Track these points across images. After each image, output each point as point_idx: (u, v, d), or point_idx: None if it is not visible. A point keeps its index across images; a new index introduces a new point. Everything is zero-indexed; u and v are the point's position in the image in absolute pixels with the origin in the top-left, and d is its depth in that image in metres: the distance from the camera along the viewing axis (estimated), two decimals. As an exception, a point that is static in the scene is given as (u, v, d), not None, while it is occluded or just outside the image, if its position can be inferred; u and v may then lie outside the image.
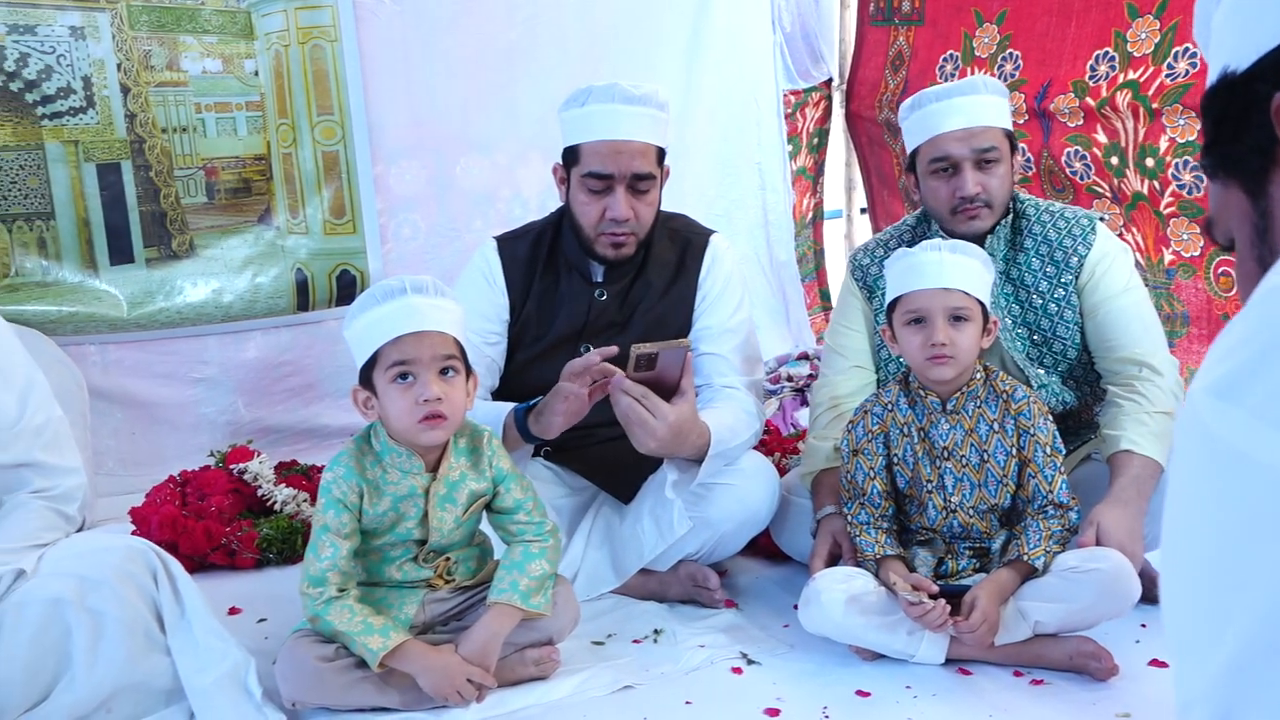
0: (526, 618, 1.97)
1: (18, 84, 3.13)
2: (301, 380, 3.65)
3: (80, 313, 3.22)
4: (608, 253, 2.38)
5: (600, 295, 2.43)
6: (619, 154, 2.29)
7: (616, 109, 2.28)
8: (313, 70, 3.51)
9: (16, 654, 1.85)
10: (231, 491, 2.83)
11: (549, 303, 2.45)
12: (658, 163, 2.36)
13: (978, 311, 2.11)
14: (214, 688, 1.87)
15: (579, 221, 2.38)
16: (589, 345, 2.41)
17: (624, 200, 2.31)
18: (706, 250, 2.50)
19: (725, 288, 2.49)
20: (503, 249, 2.49)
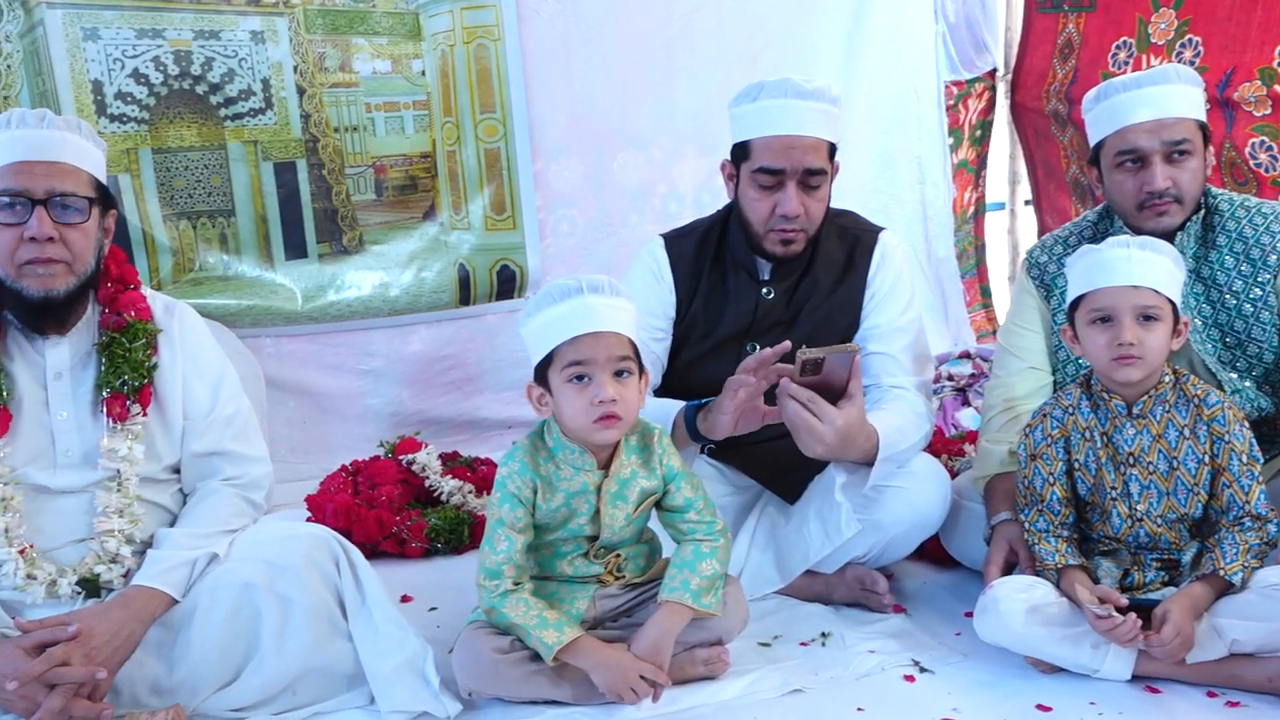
0: (697, 617, 1.96)
1: (203, 87, 3.27)
2: (462, 373, 3.74)
3: (258, 305, 3.36)
4: (777, 250, 2.35)
5: (767, 294, 2.41)
6: (791, 149, 2.26)
7: (789, 104, 2.25)
8: (476, 69, 3.58)
9: (210, 635, 1.93)
10: (401, 481, 2.91)
11: (716, 301, 2.43)
12: (829, 158, 2.32)
13: (1168, 311, 2.01)
14: (394, 674, 1.92)
15: (748, 218, 2.35)
16: (755, 344, 2.39)
17: (795, 196, 2.28)
18: (876, 247, 2.45)
19: (895, 285, 2.43)
20: (670, 247, 2.49)
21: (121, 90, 3.18)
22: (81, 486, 2.02)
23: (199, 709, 1.92)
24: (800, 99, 2.26)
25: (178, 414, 2.11)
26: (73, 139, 2.03)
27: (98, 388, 2.05)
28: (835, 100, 2.31)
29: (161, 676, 1.93)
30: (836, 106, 2.31)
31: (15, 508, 1.97)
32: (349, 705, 1.95)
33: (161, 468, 2.10)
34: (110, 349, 2.06)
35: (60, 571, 1.97)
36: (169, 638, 1.94)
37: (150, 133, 3.23)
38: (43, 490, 2.01)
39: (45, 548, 1.98)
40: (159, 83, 3.22)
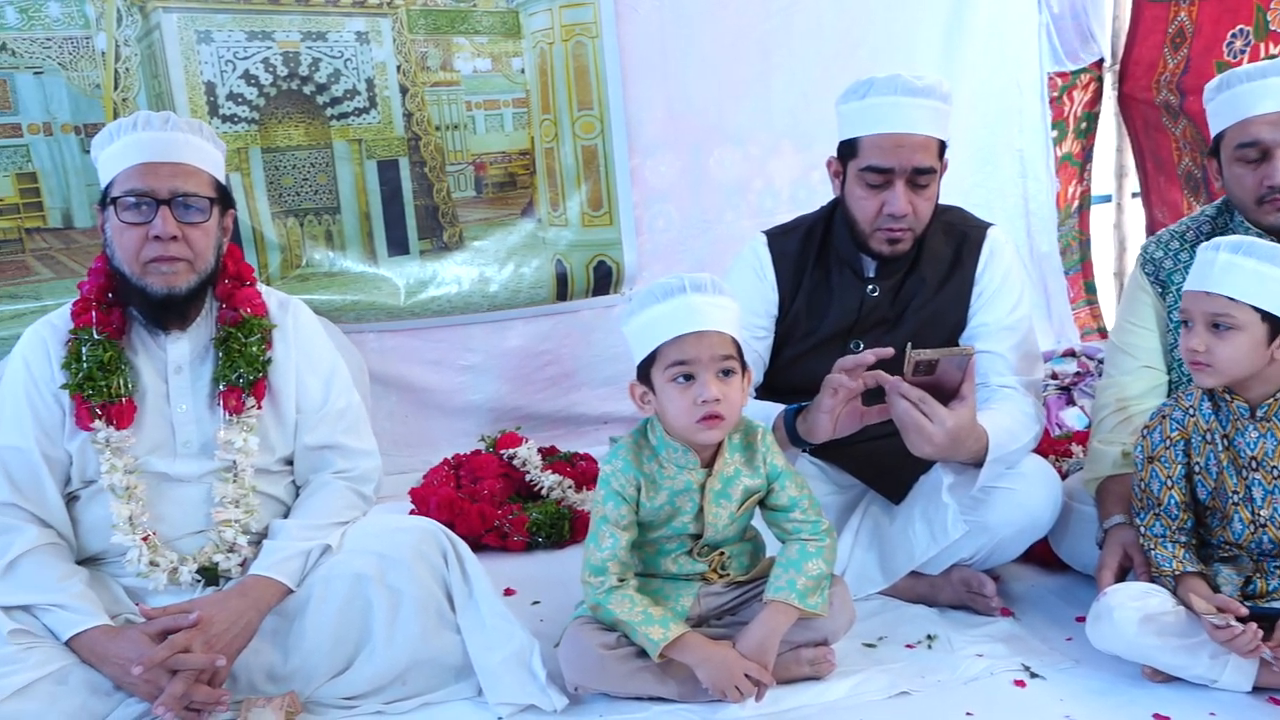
0: (803, 617, 1.95)
1: (310, 88, 3.35)
2: (559, 369, 3.76)
3: (362, 301, 3.42)
4: (883, 249, 2.32)
5: (872, 291, 2.38)
6: (900, 147, 2.23)
7: (899, 101, 2.22)
8: (574, 66, 3.60)
9: (324, 624, 1.98)
10: (502, 476, 2.94)
11: (819, 298, 2.41)
12: (938, 156, 2.29)
13: (1247, 319, 1.91)
14: (501, 667, 1.95)
15: (855, 216, 2.33)
16: (859, 342, 2.37)
17: (903, 196, 2.25)
18: (984, 243, 2.40)
19: (1004, 283, 2.38)
20: (773, 244, 2.47)
21: (233, 91, 3.26)
22: (199, 476, 2.09)
23: (313, 696, 1.97)
24: (910, 96, 2.22)
25: (291, 407, 2.17)
26: (195, 140, 2.09)
27: (215, 381, 2.11)
28: (946, 97, 2.27)
29: (277, 664, 1.98)
30: (947, 104, 2.28)
31: (139, 496, 2.04)
32: (457, 696, 1.99)
33: (275, 460, 2.16)
34: (227, 344, 2.12)
35: (181, 559, 2.04)
36: (284, 626, 2.00)
37: (260, 132, 3.31)
38: (164, 479, 2.08)
39: (166, 536, 2.05)
40: (268, 83, 3.30)
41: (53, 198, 3.20)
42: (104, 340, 2.05)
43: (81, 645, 1.89)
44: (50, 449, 2.04)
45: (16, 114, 3.15)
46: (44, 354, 2.08)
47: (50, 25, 3.12)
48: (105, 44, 3.16)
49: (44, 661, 1.86)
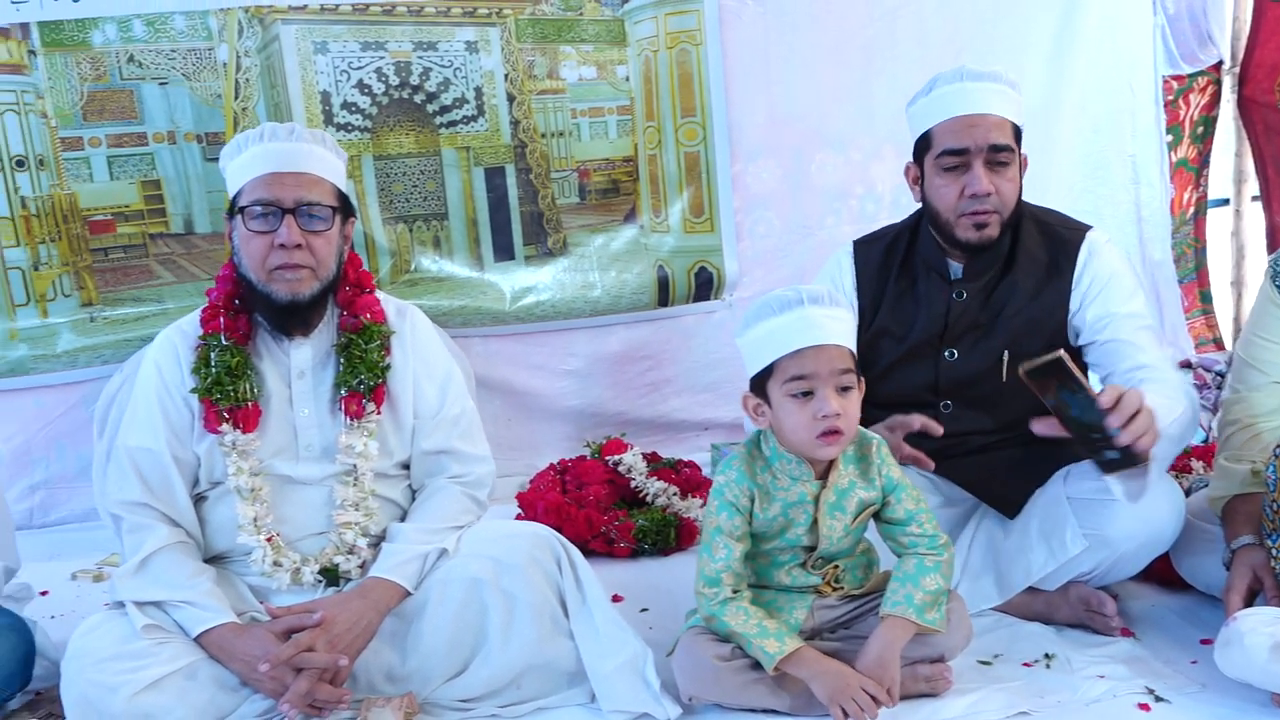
0: (920, 633, 1.93)
1: (420, 96, 3.41)
2: (660, 374, 3.77)
3: (468, 306, 3.47)
4: (970, 235, 2.28)
5: (959, 295, 2.35)
6: (974, 127, 2.23)
7: (965, 86, 2.25)
8: (678, 73, 3.60)
9: (441, 627, 2.02)
10: (607, 481, 2.96)
11: (905, 307, 2.39)
12: (1015, 139, 2.28)
13: None
14: (615, 674, 1.96)
15: (936, 208, 2.31)
16: (953, 350, 2.34)
17: (983, 175, 2.23)
18: (1082, 245, 2.35)
19: (1110, 279, 2.31)
20: (858, 253, 2.47)
21: (347, 100, 3.34)
22: (320, 479, 2.14)
23: (430, 698, 2.00)
24: (975, 80, 2.25)
25: (408, 413, 2.21)
26: (318, 150, 2.14)
27: (336, 386, 2.16)
28: (1013, 84, 2.29)
29: (395, 665, 2.02)
30: (1015, 90, 2.29)
31: (263, 498, 2.10)
32: (570, 702, 2.00)
33: (393, 464, 2.20)
34: (348, 350, 2.16)
35: (303, 560, 2.09)
36: (402, 628, 2.04)
37: (372, 141, 3.38)
38: (286, 481, 2.13)
39: (289, 537, 2.11)
40: (380, 92, 3.37)
41: (175, 204, 3.31)
42: (231, 346, 2.12)
43: (210, 642, 1.95)
44: (180, 451, 2.11)
45: (142, 123, 3.26)
46: (174, 358, 2.15)
47: (175, 37, 3.22)
48: (226, 55, 3.25)
49: (174, 656, 1.92)
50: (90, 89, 3.22)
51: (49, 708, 2.08)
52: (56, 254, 3.25)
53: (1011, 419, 2.32)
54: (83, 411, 3.30)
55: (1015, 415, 2.32)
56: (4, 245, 3.22)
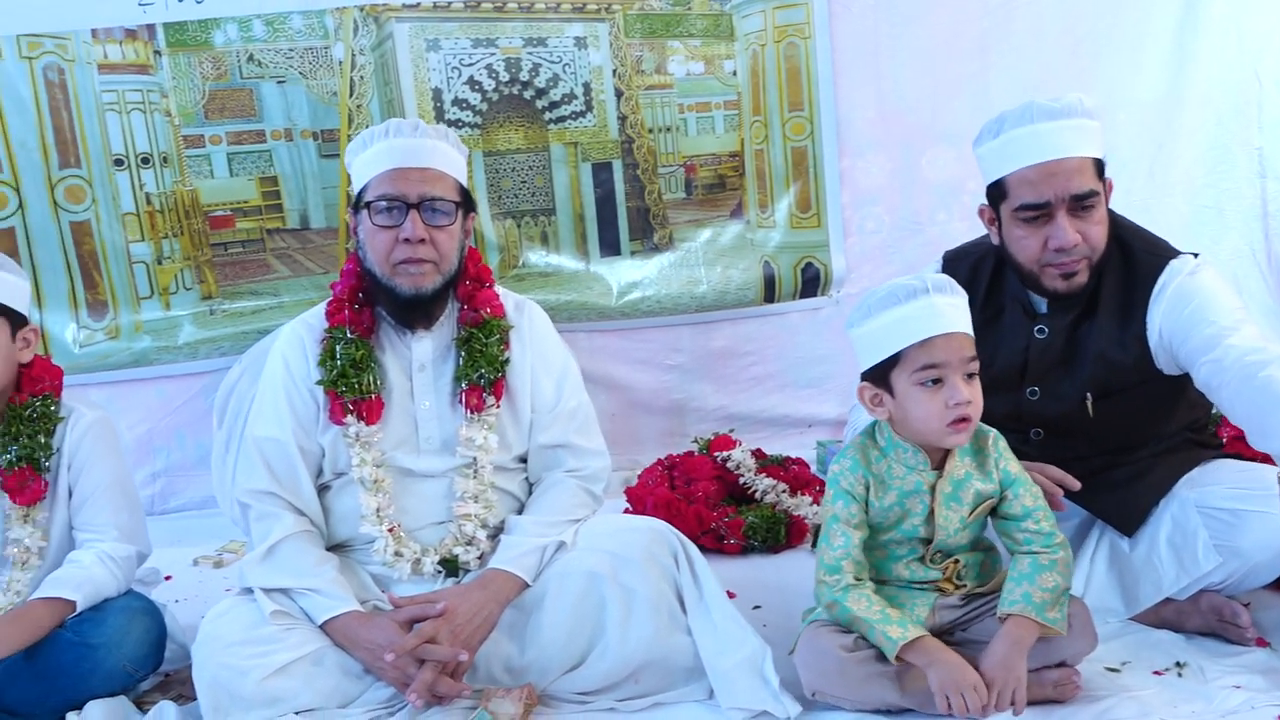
0: (1042, 634, 1.88)
1: (530, 92, 3.43)
2: (763, 370, 3.75)
3: (574, 301, 3.49)
4: (1058, 285, 2.16)
5: (1040, 332, 2.24)
6: (1052, 176, 2.08)
7: (1037, 129, 2.09)
8: (786, 67, 3.58)
9: (559, 619, 2.02)
10: (716, 478, 2.95)
11: (989, 338, 2.19)
12: (1098, 176, 2.13)
13: None
14: (733, 671, 1.94)
15: (1018, 260, 2.18)
16: (1035, 389, 2.25)
17: (1068, 226, 2.09)
18: (1158, 278, 2.17)
19: (1193, 308, 2.11)
20: (945, 268, 2.35)
21: (458, 97, 3.38)
22: (441, 472, 2.17)
23: (548, 690, 2.01)
24: (1049, 120, 2.09)
25: (526, 407, 2.22)
26: (441, 146, 2.17)
27: (456, 380, 2.19)
28: (1089, 113, 2.12)
29: (514, 656, 2.04)
30: (1093, 119, 2.13)
31: (385, 489, 2.13)
32: (688, 698, 1.99)
33: (511, 457, 2.22)
34: (469, 344, 2.19)
35: (423, 550, 2.12)
36: (521, 620, 2.05)
37: (482, 137, 3.41)
38: (408, 474, 2.16)
39: (410, 528, 2.14)
40: (491, 89, 3.40)
41: (291, 200, 3.38)
42: (356, 339, 2.15)
43: (335, 629, 1.99)
44: (305, 441, 2.16)
45: (261, 121, 3.34)
46: (301, 351, 2.20)
47: (293, 37, 3.29)
48: (342, 53, 3.32)
49: (301, 643, 1.96)
50: (211, 88, 3.31)
51: (179, 689, 2.14)
52: (179, 249, 3.35)
53: (1111, 447, 2.25)
54: (202, 402, 3.40)
55: (1114, 444, 2.26)
56: (130, 240, 3.33)
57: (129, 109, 3.28)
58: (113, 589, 2.10)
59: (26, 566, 2.11)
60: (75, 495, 2.17)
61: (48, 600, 2.02)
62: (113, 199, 3.30)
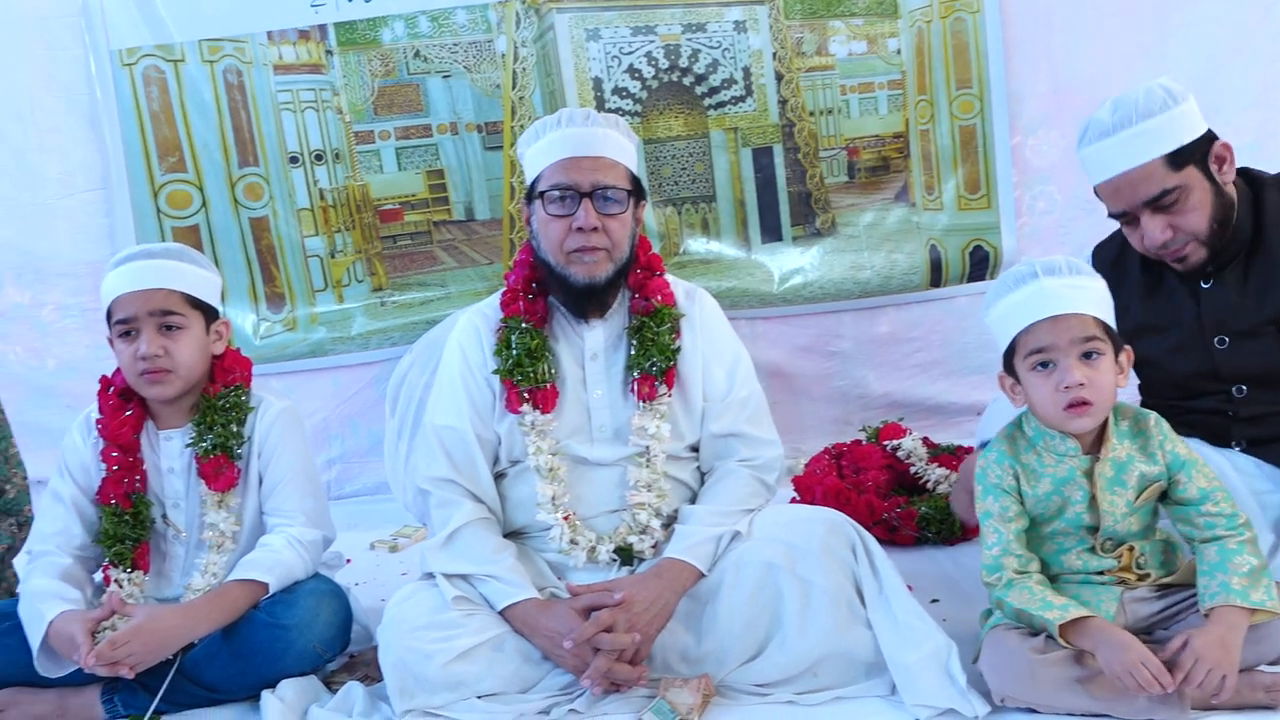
0: (1255, 619, 1.76)
1: (689, 79, 3.41)
2: (929, 356, 3.66)
3: (735, 287, 3.46)
4: (1178, 268, 2.15)
5: (1207, 282, 2.17)
6: (1118, 191, 2.09)
7: (1100, 147, 2.10)
8: (953, 44, 3.46)
9: (736, 610, 2.00)
10: (885, 467, 2.88)
11: (1156, 302, 2.22)
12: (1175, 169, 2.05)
13: None
14: (917, 666, 1.89)
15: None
16: (1222, 337, 2.15)
17: (1153, 225, 2.07)
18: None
19: None
20: (1095, 257, 2.31)
21: (618, 86, 3.38)
22: (614, 460, 2.17)
23: (725, 680, 1.99)
24: (1104, 137, 2.08)
25: (698, 395, 2.21)
26: (613, 135, 2.17)
27: (628, 369, 2.19)
28: (1163, 104, 2.04)
29: (690, 646, 2.02)
30: (1164, 111, 2.04)
31: (560, 477, 2.15)
32: (870, 693, 1.95)
33: (683, 446, 2.21)
34: (640, 332, 2.18)
35: (599, 539, 2.13)
36: (697, 609, 2.04)
37: (642, 125, 3.41)
38: (582, 461, 2.17)
39: (585, 516, 2.15)
40: (650, 76, 3.40)
41: (457, 192, 3.45)
42: (530, 328, 2.17)
43: (514, 615, 2.01)
44: (482, 430, 2.19)
45: (427, 115, 3.41)
46: (477, 340, 2.23)
47: (457, 31, 3.35)
48: (505, 46, 3.36)
49: (482, 628, 1.99)
50: (380, 84, 3.39)
51: (365, 670, 2.20)
52: (350, 242, 3.45)
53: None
54: (374, 391, 3.50)
55: None
56: (305, 235, 3.45)
57: (303, 107, 3.39)
58: (301, 572, 2.17)
59: (222, 550, 2.20)
60: (265, 482, 2.25)
61: (243, 582, 2.10)
62: (289, 195, 3.42)
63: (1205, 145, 2.09)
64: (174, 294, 2.16)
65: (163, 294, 2.15)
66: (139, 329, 2.14)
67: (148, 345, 2.12)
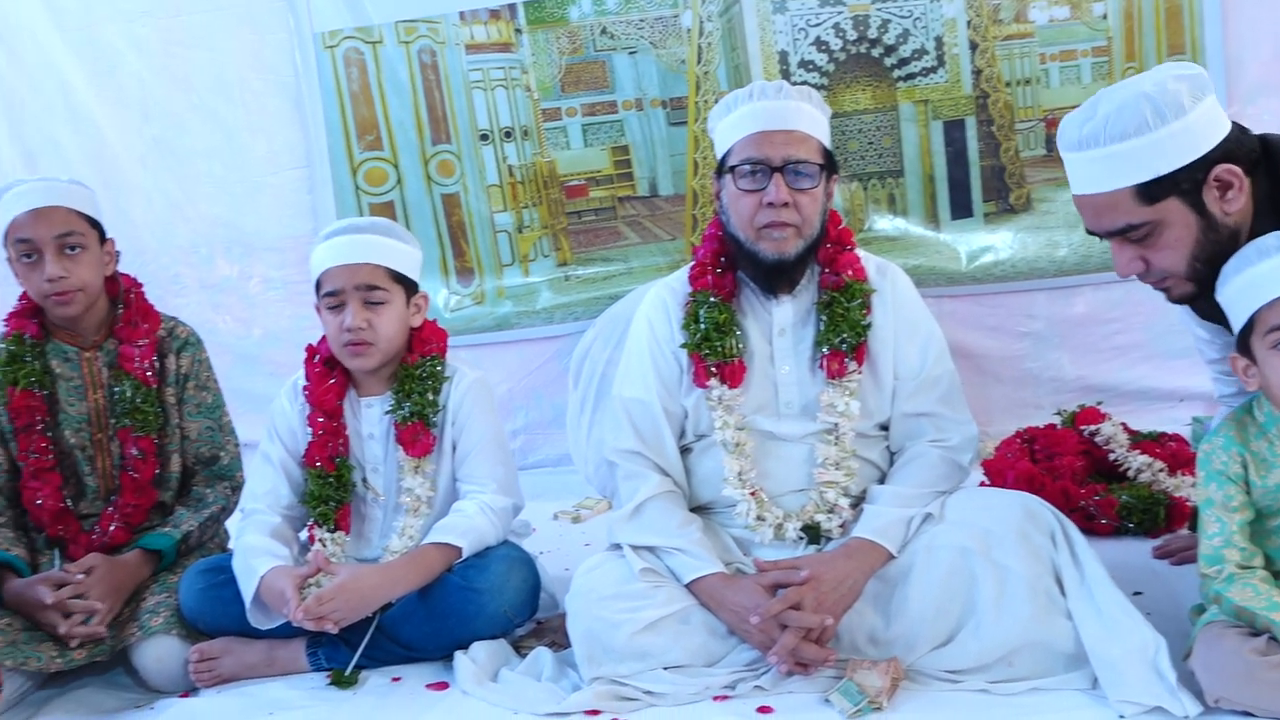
0: None
1: (878, 50, 3.33)
2: (1129, 339, 3.50)
3: (922, 265, 3.37)
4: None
5: None
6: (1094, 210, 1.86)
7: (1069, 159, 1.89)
8: (1165, 7, 3.28)
9: (927, 594, 1.95)
10: (1082, 453, 2.76)
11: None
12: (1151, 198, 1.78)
13: None
14: (1123, 661, 1.80)
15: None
16: None
17: (1126, 254, 1.87)
18: None
19: None
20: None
21: (804, 59, 3.33)
22: (800, 437, 2.14)
23: (914, 665, 1.94)
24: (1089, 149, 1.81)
25: (889, 373, 2.16)
26: (806, 108, 2.13)
27: (817, 345, 2.15)
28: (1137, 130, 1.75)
29: (879, 628, 1.98)
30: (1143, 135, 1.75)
31: (747, 453, 2.13)
32: (1069, 686, 1.86)
33: (872, 425, 2.16)
34: (830, 308, 2.14)
35: (785, 516, 2.11)
36: (886, 591, 2.00)
37: (828, 98, 3.31)
38: (769, 437, 2.15)
39: (771, 492, 2.13)
40: (838, 49, 3.33)
41: (641, 168, 3.47)
42: (719, 303, 2.16)
43: (701, 589, 2.01)
44: (669, 403, 2.19)
45: (613, 92, 3.44)
46: (665, 314, 2.23)
47: (644, 7, 3.36)
48: (690, 21, 3.35)
49: (669, 600, 2.00)
50: (567, 62, 3.44)
51: (552, 636, 2.24)
52: (537, 217, 3.52)
53: None
54: (557, 364, 3.57)
55: None
56: (494, 210, 3.53)
57: (493, 86, 3.47)
58: (493, 538, 2.23)
59: (417, 514, 2.28)
60: (458, 449, 2.31)
61: (438, 546, 2.17)
62: (479, 172, 3.50)
63: (1200, 172, 1.75)
64: (379, 269, 2.24)
65: (368, 269, 2.23)
66: (345, 302, 2.22)
67: (353, 318, 2.21)
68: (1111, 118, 1.77)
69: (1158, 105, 1.73)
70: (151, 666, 2.19)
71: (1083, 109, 1.83)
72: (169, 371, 2.47)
